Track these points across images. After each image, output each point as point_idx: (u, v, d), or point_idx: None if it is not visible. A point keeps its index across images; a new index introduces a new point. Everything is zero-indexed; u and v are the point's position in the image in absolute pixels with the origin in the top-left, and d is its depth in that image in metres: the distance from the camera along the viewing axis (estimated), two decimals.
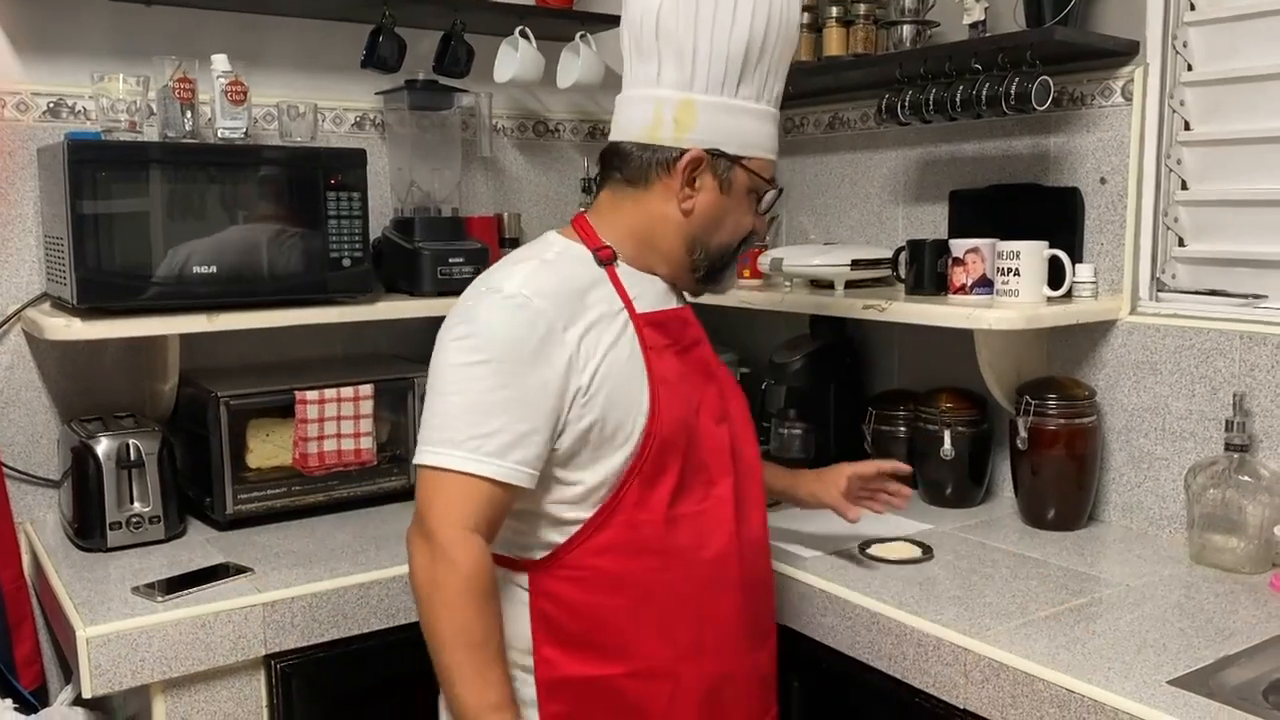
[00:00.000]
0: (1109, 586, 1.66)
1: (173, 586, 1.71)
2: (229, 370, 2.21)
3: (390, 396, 2.17)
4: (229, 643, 1.66)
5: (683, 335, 1.43)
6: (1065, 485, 1.93)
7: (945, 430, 2.07)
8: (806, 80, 2.33)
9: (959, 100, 1.95)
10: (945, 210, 2.25)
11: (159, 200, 1.88)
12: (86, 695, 1.59)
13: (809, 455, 2.36)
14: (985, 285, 1.91)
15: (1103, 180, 1.99)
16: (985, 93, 1.91)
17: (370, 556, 1.87)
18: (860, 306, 2.00)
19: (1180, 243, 1.95)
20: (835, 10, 2.23)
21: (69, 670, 2.06)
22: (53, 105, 2.11)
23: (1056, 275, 1.89)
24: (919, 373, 2.32)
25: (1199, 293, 1.90)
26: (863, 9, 2.21)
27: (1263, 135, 1.81)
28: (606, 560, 1.33)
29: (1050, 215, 2.03)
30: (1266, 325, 1.76)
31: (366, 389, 2.11)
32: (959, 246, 1.93)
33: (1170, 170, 1.93)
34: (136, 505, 1.93)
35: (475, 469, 1.25)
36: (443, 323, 1.35)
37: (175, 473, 2.00)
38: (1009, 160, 2.15)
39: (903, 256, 2.08)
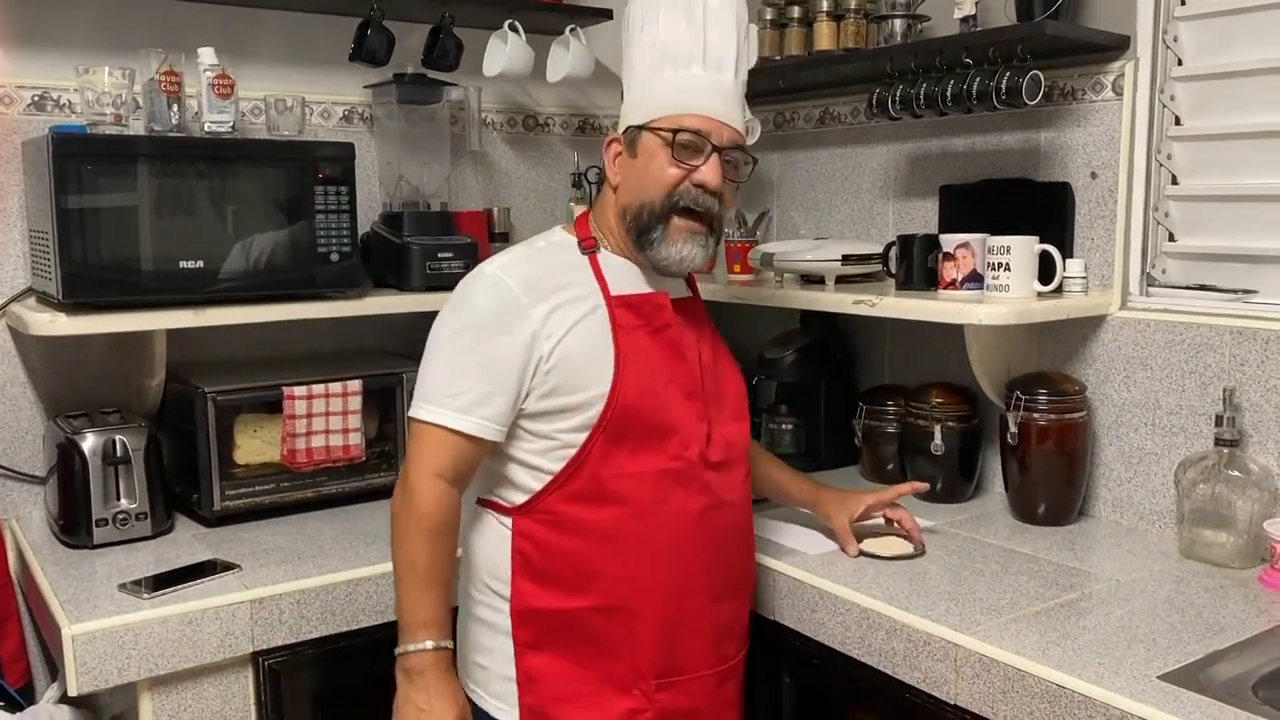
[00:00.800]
0: (1099, 581, 1.66)
1: (160, 583, 1.70)
2: (216, 365, 2.20)
3: (379, 392, 2.16)
4: (216, 640, 1.65)
5: (655, 317, 1.56)
6: (1055, 480, 1.93)
7: (936, 425, 2.07)
8: (797, 75, 2.33)
9: (950, 95, 1.95)
10: (936, 205, 2.25)
11: (145, 194, 1.87)
12: (72, 693, 1.58)
13: (800, 450, 2.36)
14: (976, 280, 1.91)
15: (1093, 175, 1.99)
16: (976, 87, 1.91)
17: (359, 553, 1.86)
18: (851, 302, 2.00)
19: (1170, 238, 1.95)
20: (826, 4, 2.23)
21: (55, 668, 2.05)
22: (37, 98, 2.09)
23: (1047, 270, 1.89)
24: (910, 368, 2.32)
25: (1189, 288, 1.91)
26: (853, 3, 2.21)
27: (1252, 130, 1.81)
28: (575, 507, 1.49)
29: (1041, 210, 2.03)
30: (1256, 320, 1.76)
31: (355, 385, 2.10)
32: (949, 241, 1.93)
33: (1160, 165, 1.93)
34: (123, 502, 1.92)
35: (444, 421, 1.46)
36: None
37: (162, 469, 1.99)
38: (1000, 155, 2.15)
39: (893, 251, 2.08)
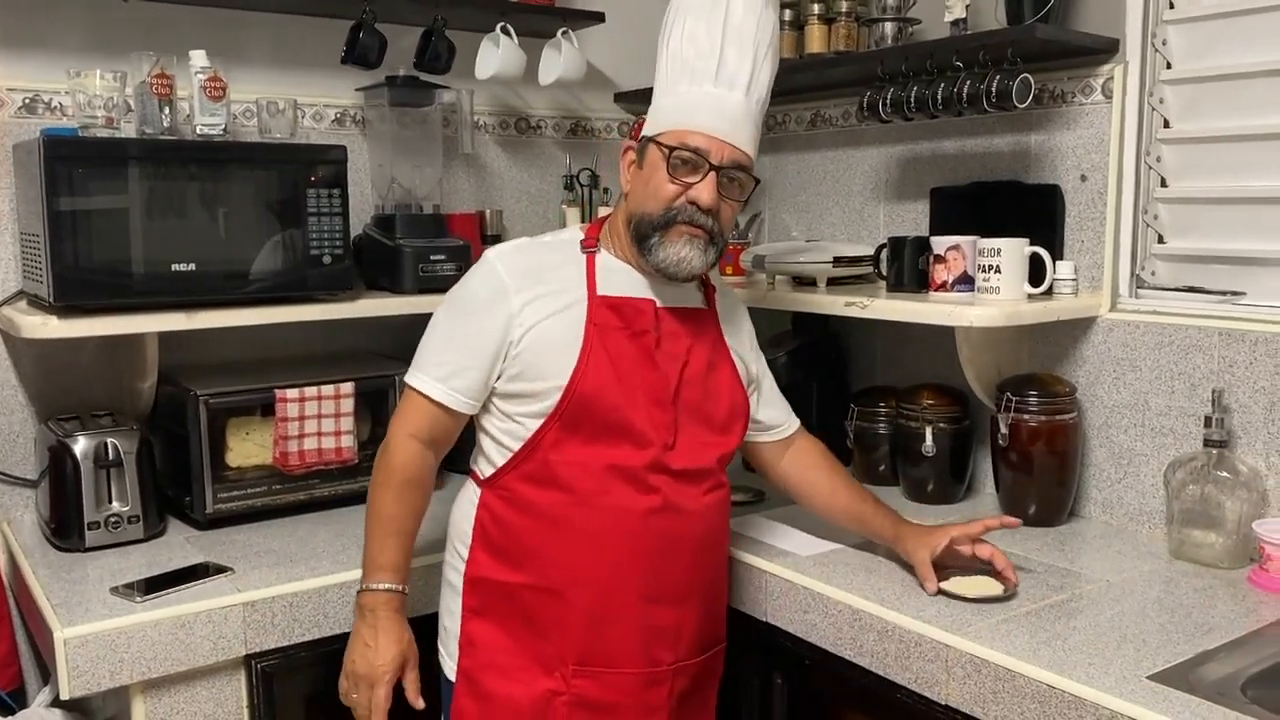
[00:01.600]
0: (1089, 582, 1.67)
1: (152, 586, 1.70)
2: (208, 368, 2.20)
3: (371, 395, 2.16)
4: (209, 643, 1.65)
5: (635, 321, 1.59)
6: (1046, 481, 1.94)
7: (927, 427, 2.08)
8: (789, 77, 2.32)
9: (940, 97, 1.96)
10: (927, 207, 2.26)
11: (137, 197, 1.86)
12: (65, 697, 1.57)
13: None
14: (966, 282, 1.92)
15: (1083, 178, 1.99)
16: (966, 90, 1.91)
17: (351, 555, 1.86)
18: (842, 304, 2.00)
19: (1160, 240, 1.96)
20: (817, 7, 2.24)
21: (47, 671, 2.04)
22: (28, 101, 2.09)
23: (1037, 272, 1.90)
24: (901, 369, 2.33)
25: (1178, 290, 1.92)
26: (844, 6, 2.22)
27: (1241, 133, 1.82)
28: (526, 487, 1.58)
29: (1031, 212, 2.04)
30: (1245, 322, 1.77)
31: (347, 387, 2.10)
32: (940, 244, 1.94)
33: (1150, 168, 1.94)
34: (115, 505, 1.91)
35: (422, 388, 1.58)
36: None
37: (154, 472, 1.99)
38: (990, 157, 2.16)
39: (884, 253, 2.09)
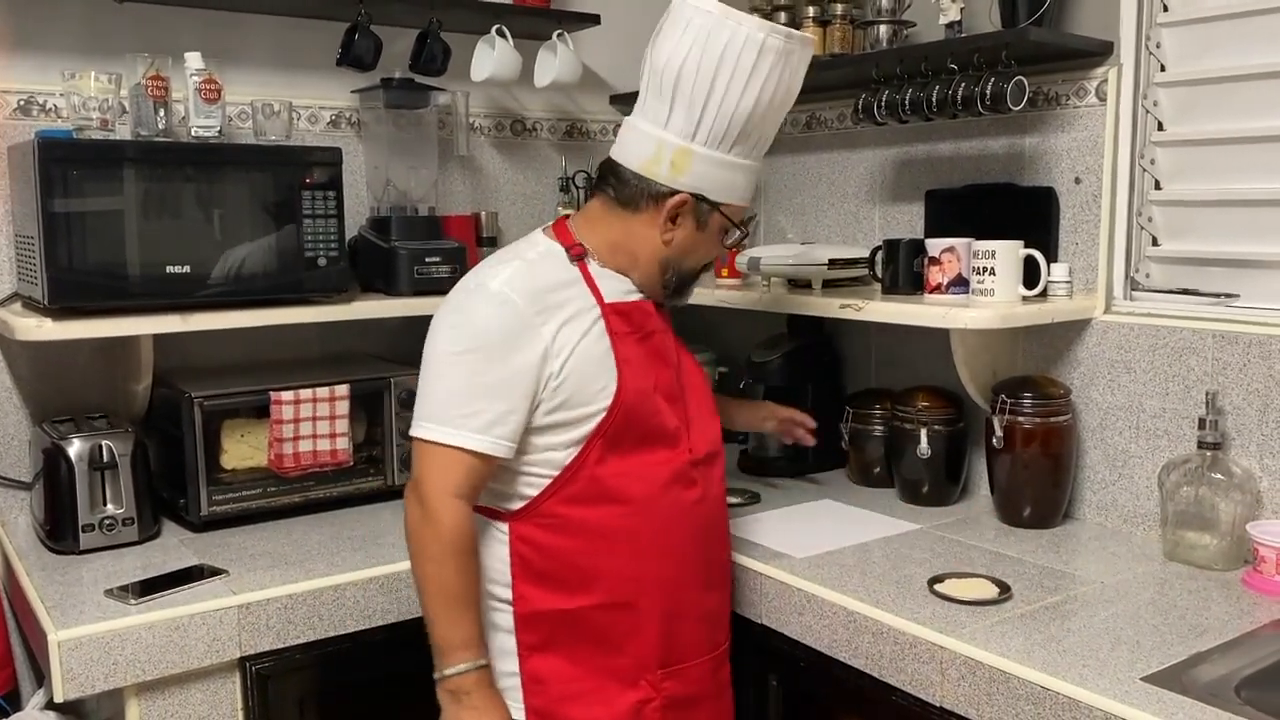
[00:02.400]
0: (1084, 584, 1.67)
1: (146, 589, 1.70)
2: (203, 370, 2.20)
3: (366, 397, 2.16)
4: (204, 645, 1.65)
5: (644, 324, 1.59)
6: (1041, 483, 1.94)
7: (922, 429, 2.08)
8: None
9: (935, 100, 1.96)
10: (921, 210, 2.26)
11: (132, 199, 1.86)
12: (59, 699, 1.57)
13: (786, 454, 2.37)
14: (961, 285, 1.92)
15: (1077, 180, 2.00)
16: (961, 93, 1.92)
17: (346, 558, 1.86)
18: (837, 306, 2.01)
19: (1154, 242, 1.96)
20: (812, 10, 2.24)
21: (41, 674, 2.04)
22: (23, 103, 2.09)
23: (1032, 274, 1.91)
24: (896, 371, 2.33)
25: (1172, 292, 1.92)
26: (839, 9, 2.22)
27: (1235, 135, 1.82)
28: (574, 509, 1.52)
29: (1025, 215, 2.04)
30: (1239, 324, 1.77)
31: (342, 389, 2.10)
32: (935, 246, 1.94)
33: (1144, 170, 1.94)
34: (109, 507, 1.91)
35: (461, 443, 1.45)
36: (435, 313, 1.53)
37: (149, 474, 1.98)
38: (984, 160, 2.16)
39: (879, 256, 2.09)
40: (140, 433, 2.00)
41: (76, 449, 1.90)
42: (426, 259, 2.21)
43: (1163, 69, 1.92)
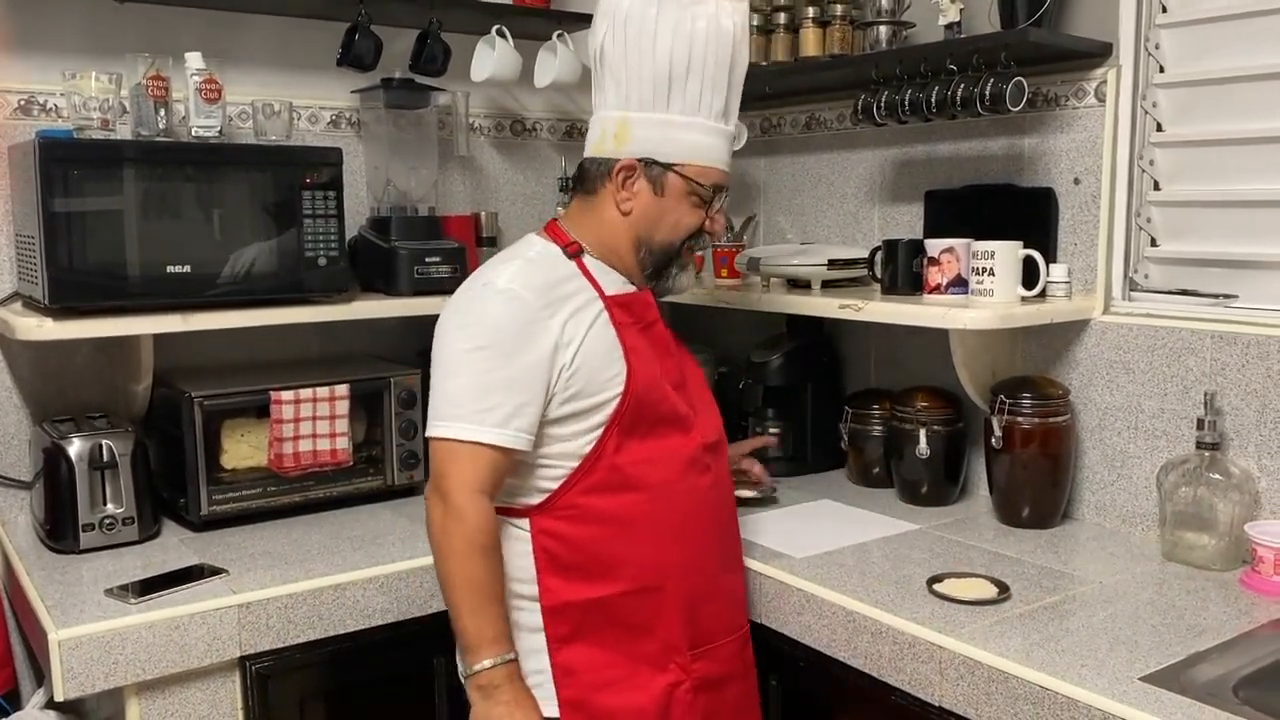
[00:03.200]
0: (1082, 584, 1.68)
1: (147, 588, 1.70)
2: (204, 370, 2.20)
3: (366, 397, 2.16)
4: (204, 645, 1.65)
5: (644, 314, 1.63)
6: (1040, 483, 1.94)
7: (921, 429, 2.08)
8: (783, 80, 2.34)
9: (934, 101, 1.96)
10: (921, 210, 2.26)
11: (132, 199, 1.86)
12: (59, 699, 1.57)
13: (786, 454, 2.37)
14: (960, 285, 1.92)
15: (1076, 181, 2.00)
16: (960, 93, 1.92)
17: (346, 557, 1.86)
18: (837, 306, 2.01)
19: (1153, 243, 1.97)
20: (812, 11, 2.24)
21: (41, 673, 2.04)
22: (24, 103, 2.09)
23: (1031, 275, 1.91)
24: (895, 372, 2.34)
25: (1171, 292, 1.92)
26: (839, 10, 2.22)
27: (1233, 136, 1.83)
28: (595, 499, 1.54)
29: (1025, 215, 2.04)
30: (1237, 325, 1.78)
31: (342, 389, 2.10)
32: (934, 246, 1.94)
33: (1143, 171, 1.95)
34: (110, 506, 1.91)
35: (481, 437, 1.46)
36: (440, 317, 1.56)
37: (149, 473, 1.99)
38: (984, 161, 2.17)
39: (879, 256, 2.09)
40: (140, 432, 2.00)
41: (77, 448, 1.90)
42: (426, 259, 2.21)
43: (1162, 70, 1.92)
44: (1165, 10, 1.90)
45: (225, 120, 2.05)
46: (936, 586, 1.64)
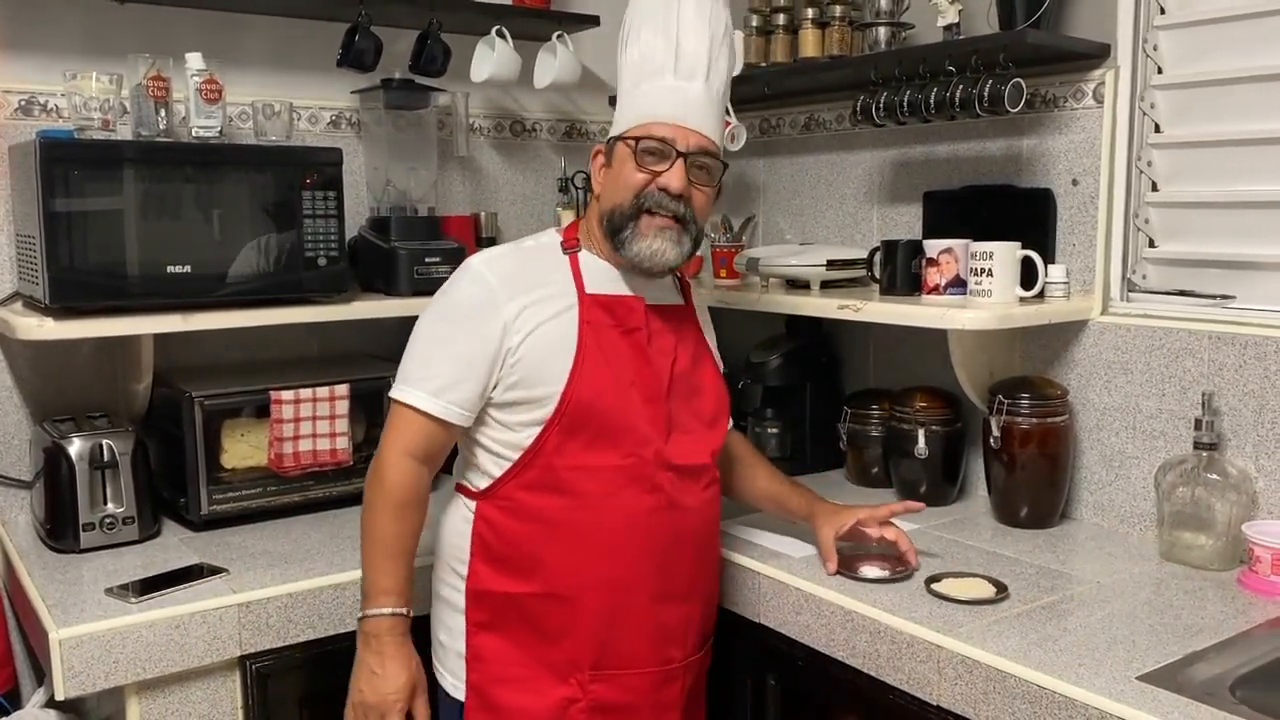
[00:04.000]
0: (1080, 583, 1.68)
1: (147, 588, 1.71)
2: (204, 370, 2.20)
3: (366, 397, 2.16)
4: (204, 644, 1.66)
5: (627, 319, 1.60)
6: (1038, 484, 1.95)
7: (920, 429, 2.08)
8: (782, 81, 2.35)
9: (933, 102, 1.97)
10: (919, 211, 2.27)
11: (133, 199, 1.87)
12: (60, 697, 1.58)
13: (785, 453, 2.38)
14: (959, 285, 1.93)
15: (1074, 182, 2.01)
16: (959, 94, 1.92)
17: (346, 557, 1.86)
18: (835, 306, 2.01)
19: (1151, 244, 1.97)
20: (811, 12, 2.25)
21: (41, 672, 2.04)
22: (24, 103, 2.09)
23: (1029, 276, 1.91)
24: (894, 372, 2.34)
25: (1169, 293, 1.93)
26: (838, 11, 2.23)
27: (1231, 138, 1.83)
28: (528, 495, 1.55)
29: (1023, 216, 2.05)
30: (1235, 325, 1.78)
31: (342, 389, 2.10)
32: (933, 247, 1.95)
33: (1141, 172, 1.95)
34: (110, 506, 1.92)
35: (415, 403, 1.53)
36: None
37: (149, 473, 1.99)
38: (982, 161, 2.17)
39: (878, 257, 2.10)
40: (140, 432, 2.01)
41: (77, 448, 1.90)
42: (426, 259, 2.22)
43: (1160, 71, 1.92)
44: (1163, 12, 1.91)
45: (225, 120, 2.06)
46: (935, 586, 1.64)
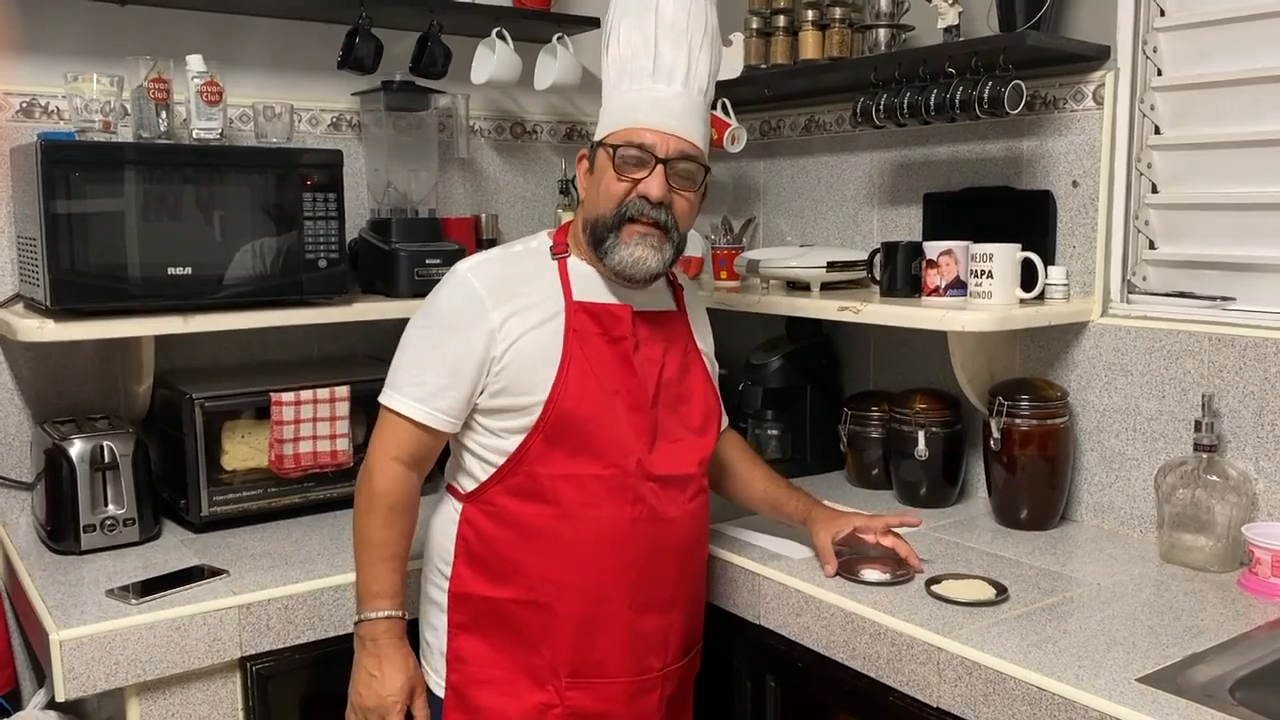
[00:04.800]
0: (1080, 585, 1.68)
1: (147, 589, 1.71)
2: (204, 371, 2.20)
3: (366, 398, 2.15)
4: (204, 645, 1.66)
5: (613, 328, 1.60)
6: (1038, 485, 1.95)
7: (920, 431, 2.08)
8: (782, 83, 2.35)
9: (933, 104, 1.97)
10: (919, 212, 2.27)
11: (133, 201, 1.87)
12: (60, 699, 1.58)
13: (785, 455, 2.38)
14: (959, 287, 1.93)
15: (1074, 183, 2.01)
16: (959, 96, 1.92)
17: (346, 558, 1.86)
18: (836, 308, 2.01)
19: (1150, 245, 1.97)
20: (811, 14, 2.25)
21: (42, 674, 2.05)
22: (25, 105, 2.09)
23: (1029, 277, 1.91)
24: (894, 374, 2.34)
25: (1169, 295, 1.93)
26: (838, 13, 2.23)
27: (1231, 140, 1.83)
28: (511, 501, 1.57)
29: (1023, 218, 2.05)
30: (1234, 327, 1.78)
31: (342, 390, 2.10)
32: (933, 249, 1.95)
33: (1140, 174, 1.95)
34: (111, 507, 1.92)
35: (402, 409, 1.55)
36: None
37: (150, 475, 1.99)
38: (982, 163, 2.17)
39: (878, 258, 2.10)
40: (141, 433, 2.01)
41: (78, 449, 1.90)
42: (426, 261, 2.22)
43: (1159, 73, 1.92)
44: (1163, 14, 1.91)
45: (226, 122, 2.06)
46: (934, 588, 1.64)
